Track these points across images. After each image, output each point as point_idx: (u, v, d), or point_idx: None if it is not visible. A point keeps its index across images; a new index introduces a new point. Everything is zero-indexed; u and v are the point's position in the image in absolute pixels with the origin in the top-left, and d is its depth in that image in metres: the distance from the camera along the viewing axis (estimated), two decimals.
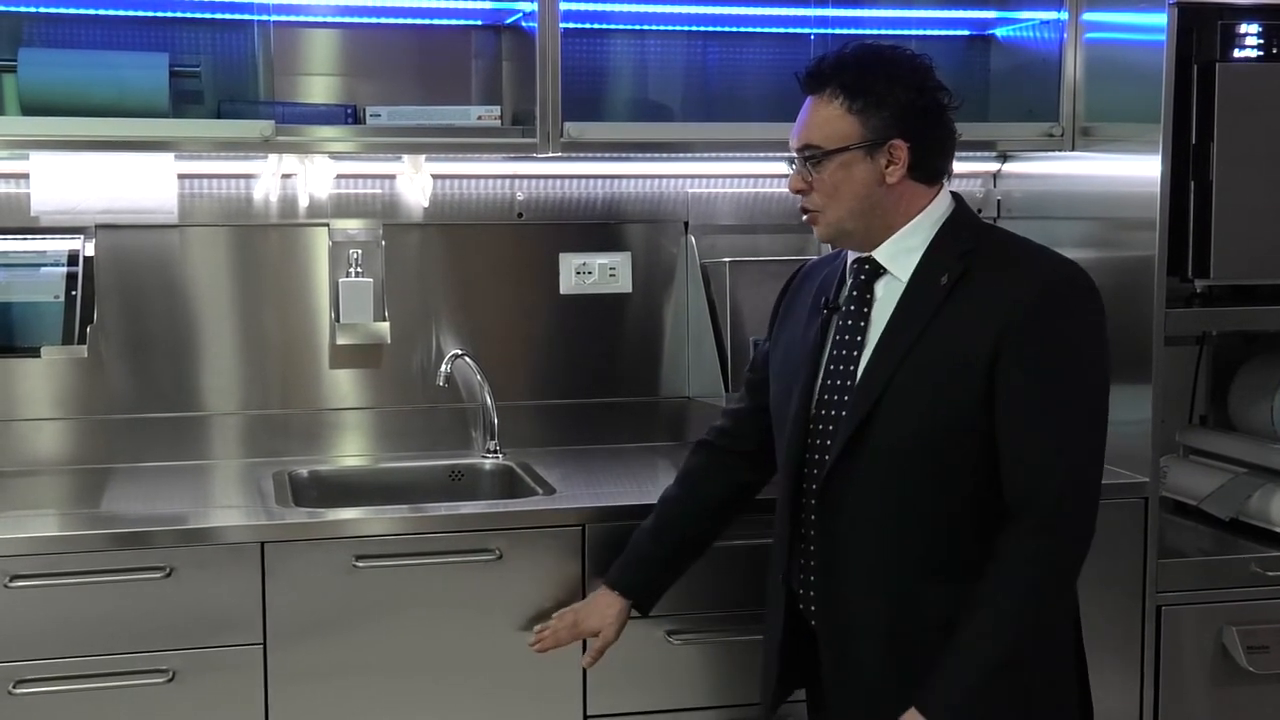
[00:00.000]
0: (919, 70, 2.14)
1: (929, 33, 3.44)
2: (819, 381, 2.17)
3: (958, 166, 2.22)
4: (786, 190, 2.23)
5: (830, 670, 2.20)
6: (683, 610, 2.74)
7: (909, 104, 2.11)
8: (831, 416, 2.14)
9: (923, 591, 2.09)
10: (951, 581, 2.07)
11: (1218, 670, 2.80)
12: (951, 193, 2.19)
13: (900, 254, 2.14)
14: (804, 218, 2.19)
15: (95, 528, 2.60)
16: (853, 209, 2.13)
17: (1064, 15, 3.04)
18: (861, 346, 2.13)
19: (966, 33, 3.43)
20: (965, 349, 2.03)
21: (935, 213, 2.15)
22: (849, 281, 2.20)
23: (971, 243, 2.12)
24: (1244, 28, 2.73)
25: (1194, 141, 2.74)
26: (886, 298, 2.14)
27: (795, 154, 2.17)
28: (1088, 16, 3.00)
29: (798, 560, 2.24)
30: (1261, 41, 2.73)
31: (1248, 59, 2.73)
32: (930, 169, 2.14)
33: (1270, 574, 2.79)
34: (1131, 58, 2.82)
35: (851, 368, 2.13)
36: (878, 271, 2.16)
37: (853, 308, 2.17)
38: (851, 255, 2.21)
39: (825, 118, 2.12)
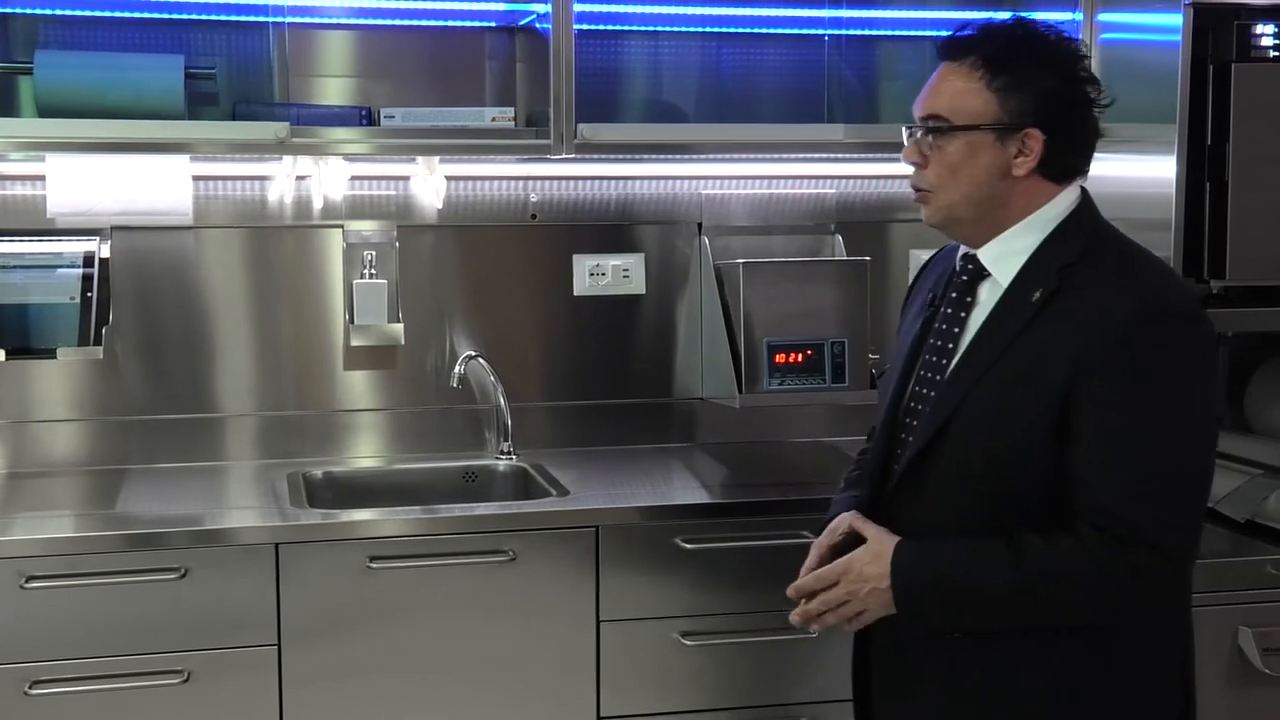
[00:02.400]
0: (1071, 56, 1.94)
1: (942, 33, 3.42)
2: (909, 386, 2.02)
3: None
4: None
5: (881, 687, 2.06)
6: (696, 612, 2.74)
7: (1053, 92, 1.91)
8: (912, 426, 1.99)
9: (994, 660, 1.92)
10: (1032, 652, 1.91)
11: (1233, 672, 2.79)
12: (1082, 189, 1.99)
13: (1006, 256, 1.95)
14: (914, 196, 2.01)
15: (110, 529, 2.60)
16: (969, 195, 1.94)
17: (1079, 16, 3.03)
18: (952, 354, 1.97)
19: None
20: (1041, 373, 1.86)
21: (1050, 213, 1.95)
22: (955, 280, 2.04)
23: (1075, 254, 1.91)
24: (1260, 28, 2.72)
25: (1210, 142, 2.73)
26: (986, 303, 1.97)
27: (916, 122, 1.98)
28: (1103, 17, 2.99)
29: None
30: (1277, 42, 2.72)
31: (1264, 59, 2.71)
32: (1061, 167, 1.94)
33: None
34: (1147, 58, 2.81)
35: (939, 377, 1.97)
36: (981, 273, 1.98)
37: (950, 310, 2.00)
38: (963, 250, 2.03)
39: (960, 89, 1.93)
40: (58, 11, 3.02)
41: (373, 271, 3.20)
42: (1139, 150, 2.86)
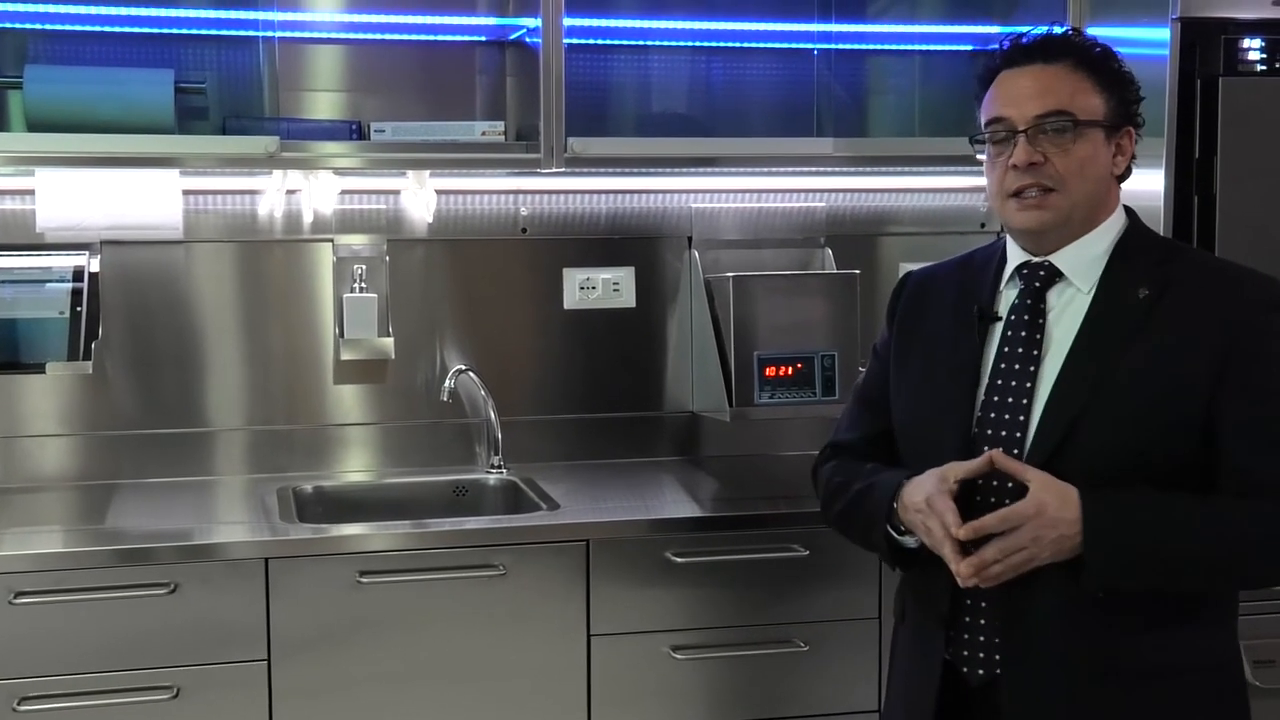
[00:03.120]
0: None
1: (932, 47, 3.45)
2: (981, 397, 1.95)
3: (957, 181, 2.05)
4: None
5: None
6: (687, 626, 2.74)
7: (1135, 93, 1.97)
8: (1002, 439, 1.91)
9: (1129, 641, 1.88)
10: (1157, 627, 1.88)
11: None
12: (1124, 205, 2.01)
13: (1084, 261, 1.94)
14: (1020, 199, 1.92)
15: (100, 544, 2.60)
16: (1090, 194, 1.92)
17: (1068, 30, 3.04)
18: (1038, 362, 1.92)
19: (969, 47, 3.43)
20: (1178, 371, 1.85)
21: (1119, 220, 1.97)
22: (1015, 289, 1.99)
23: (1163, 254, 1.95)
24: (1246, 42, 2.73)
25: (1197, 156, 2.75)
26: (1066, 309, 1.94)
27: (1024, 124, 1.91)
28: (1091, 31, 2.98)
29: (959, 616, 1.95)
30: (1264, 56, 2.73)
31: (1250, 73, 2.73)
32: (1129, 169, 1.98)
33: (1276, 589, 2.78)
34: (1135, 72, 2.82)
35: (1028, 385, 1.92)
36: (1052, 279, 1.96)
37: (1026, 318, 1.95)
38: (1014, 259, 2.00)
39: (1076, 87, 1.92)
40: (48, 26, 3.02)
41: (363, 285, 3.20)
42: None
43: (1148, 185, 2.76)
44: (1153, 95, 2.75)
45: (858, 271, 3.24)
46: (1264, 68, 2.74)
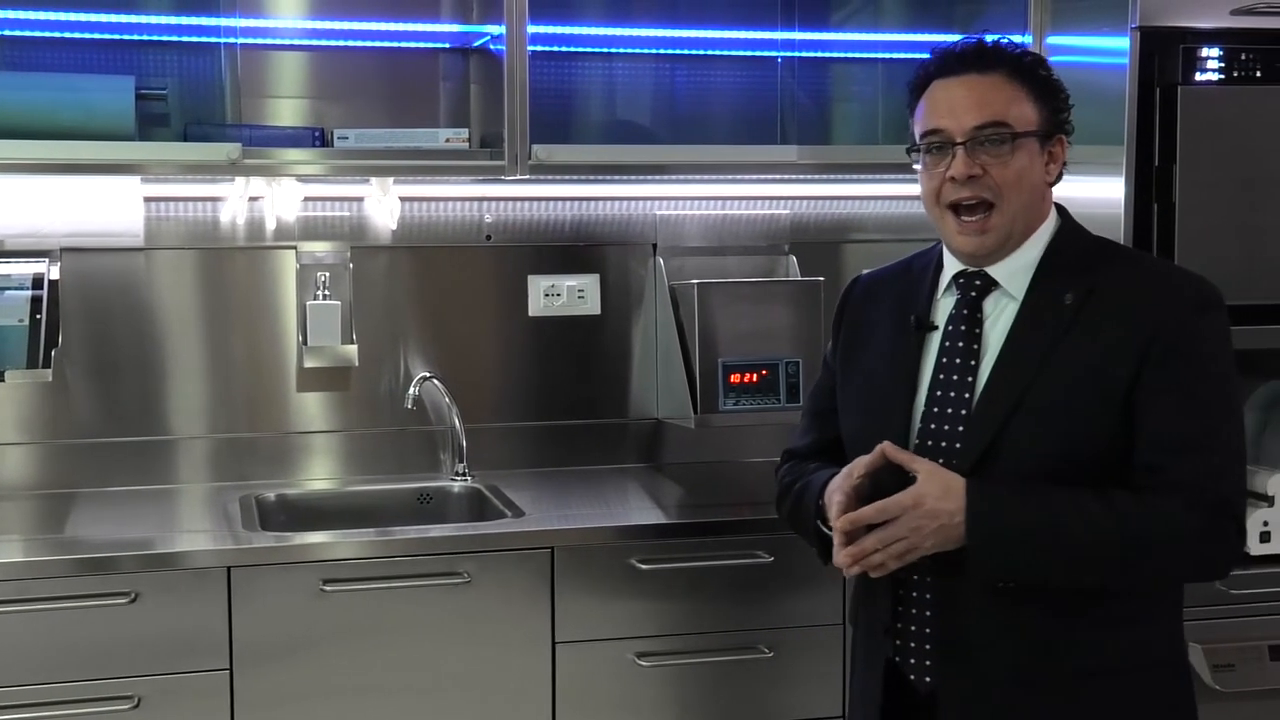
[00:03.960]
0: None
1: (895, 55, 3.47)
2: (921, 406, 1.97)
3: (910, 189, 2.06)
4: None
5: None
6: (652, 633, 2.74)
7: (1065, 100, 1.98)
8: (942, 449, 1.93)
9: (1065, 639, 1.89)
10: (1097, 626, 1.90)
11: None
12: (1055, 204, 2.03)
13: (1018, 270, 1.96)
14: (961, 221, 1.94)
15: (59, 553, 2.58)
16: (1026, 206, 1.94)
17: (1028, 39, 3.06)
18: (975, 370, 1.94)
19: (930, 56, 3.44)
20: (1104, 369, 1.87)
21: (1051, 225, 1.99)
22: (952, 298, 2.01)
23: (1090, 258, 1.97)
24: (1205, 51, 2.76)
25: (1157, 164, 2.77)
26: (999, 316, 1.96)
27: (961, 135, 1.92)
28: (1052, 40, 3.03)
29: (898, 617, 1.98)
30: (1222, 65, 2.76)
31: (1209, 82, 2.76)
32: (1060, 176, 2.00)
33: (1235, 592, 2.80)
34: (1095, 81, 2.84)
35: (966, 394, 1.94)
36: (988, 288, 1.98)
37: (962, 327, 1.97)
38: (951, 268, 2.02)
39: (1010, 96, 1.92)
40: (7, 32, 3.00)
41: (326, 293, 3.18)
42: (1088, 172, 2.88)
43: (1108, 193, 2.79)
44: (1112, 104, 2.78)
45: (822, 279, 3.26)
46: (1222, 77, 2.77)
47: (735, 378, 3.14)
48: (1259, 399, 2.94)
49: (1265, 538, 2.82)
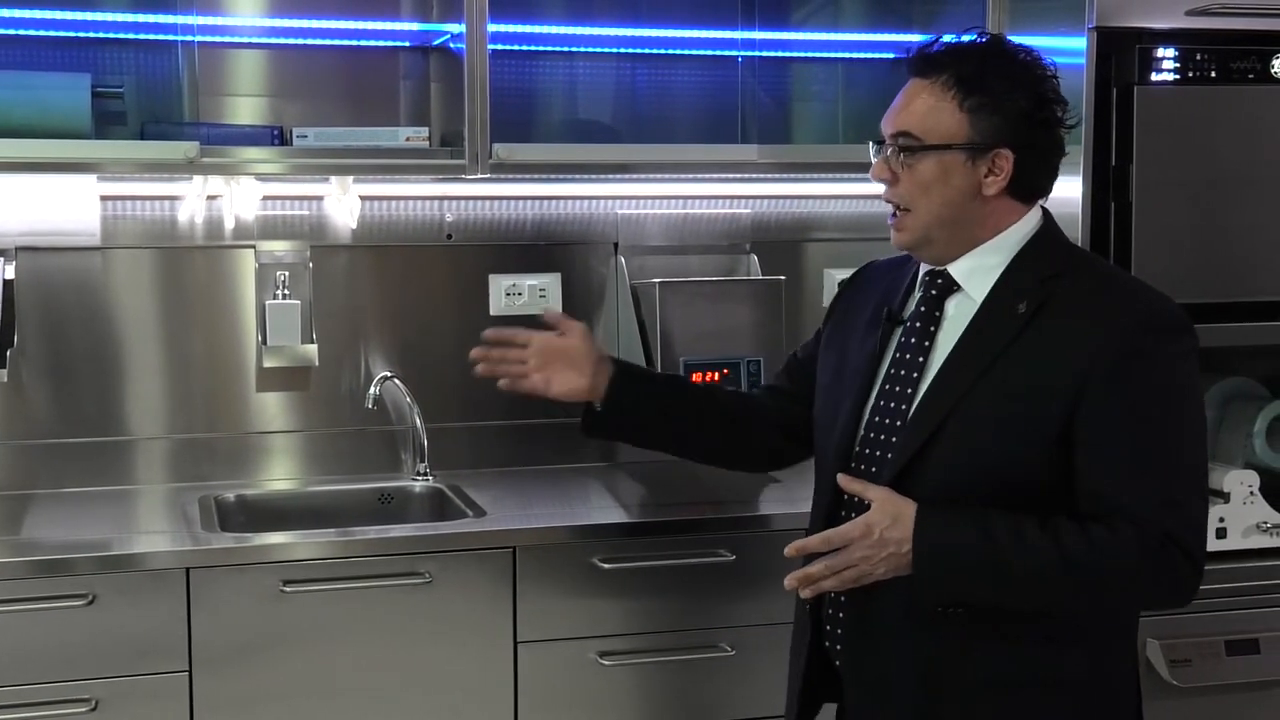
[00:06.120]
0: (1043, 78, 1.94)
1: (855, 55, 3.48)
2: (871, 401, 1.99)
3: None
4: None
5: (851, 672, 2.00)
6: (614, 632, 2.74)
7: (1025, 113, 1.90)
8: (881, 441, 1.95)
9: (969, 647, 1.90)
10: (1005, 640, 1.89)
11: (1142, 684, 2.84)
12: (1043, 209, 2.00)
13: (978, 272, 1.95)
14: (890, 219, 1.99)
15: (15, 555, 2.55)
16: (941, 216, 1.93)
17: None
18: (923, 369, 1.95)
19: (891, 55, 3.46)
20: (1044, 384, 1.85)
21: (1021, 231, 1.96)
22: (917, 295, 2.02)
23: (1055, 268, 1.93)
24: (1161, 51, 2.78)
25: (1114, 163, 2.79)
26: (957, 318, 1.96)
27: (886, 139, 1.96)
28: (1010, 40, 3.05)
29: (831, 611, 2.01)
30: (1178, 65, 2.78)
31: (1165, 82, 2.78)
32: (1029, 187, 1.95)
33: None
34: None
35: (909, 391, 1.94)
36: (950, 288, 1.98)
37: (918, 324, 1.98)
38: (924, 266, 2.02)
39: (931, 107, 1.91)
40: None
41: (285, 292, 3.17)
42: None
43: (1066, 192, 2.80)
44: (1070, 103, 2.80)
45: (783, 277, 3.27)
46: (1177, 77, 2.79)
47: (696, 376, 3.15)
48: (1214, 396, 2.97)
49: (1221, 534, 2.84)
